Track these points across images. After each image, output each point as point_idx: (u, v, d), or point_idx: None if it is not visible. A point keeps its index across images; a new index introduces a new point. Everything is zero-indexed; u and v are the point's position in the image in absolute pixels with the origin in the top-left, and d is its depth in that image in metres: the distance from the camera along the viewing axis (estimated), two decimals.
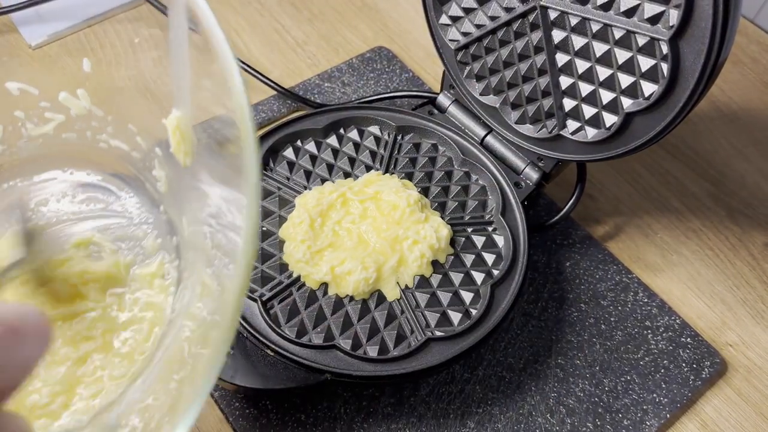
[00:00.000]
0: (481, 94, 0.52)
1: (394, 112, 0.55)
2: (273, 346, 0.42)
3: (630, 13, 0.40)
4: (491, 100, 0.51)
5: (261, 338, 0.42)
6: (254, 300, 0.44)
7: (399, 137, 0.54)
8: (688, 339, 0.50)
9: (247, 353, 0.43)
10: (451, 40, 0.51)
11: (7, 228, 0.40)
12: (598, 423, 0.46)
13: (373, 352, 0.43)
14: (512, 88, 0.50)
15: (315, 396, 0.45)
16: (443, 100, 0.55)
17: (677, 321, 0.51)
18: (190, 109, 0.35)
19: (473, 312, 0.45)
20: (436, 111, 0.56)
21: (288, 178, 0.51)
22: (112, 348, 0.38)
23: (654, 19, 0.39)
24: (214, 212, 0.34)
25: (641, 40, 0.40)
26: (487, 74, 0.51)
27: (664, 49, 0.39)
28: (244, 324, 0.43)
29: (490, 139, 0.53)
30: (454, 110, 0.55)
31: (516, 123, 0.51)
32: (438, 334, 0.44)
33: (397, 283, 0.46)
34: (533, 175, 0.51)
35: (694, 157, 0.62)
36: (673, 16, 0.38)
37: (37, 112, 0.42)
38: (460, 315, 0.45)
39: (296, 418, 0.44)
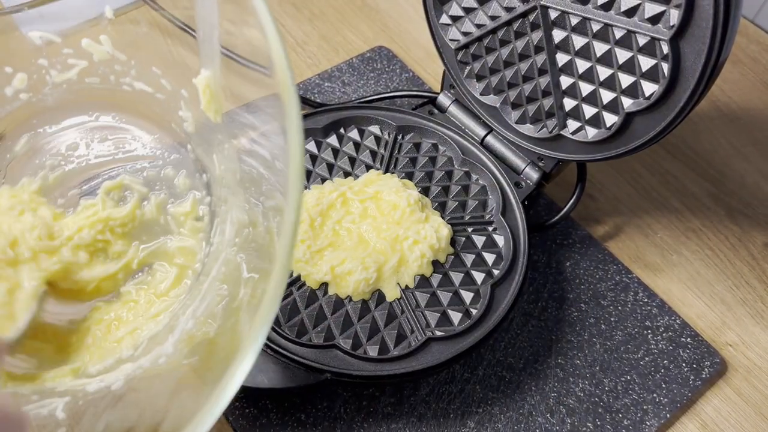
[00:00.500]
0: (481, 94, 0.52)
1: (395, 112, 0.55)
2: (273, 346, 0.42)
3: (630, 12, 0.40)
4: (491, 99, 0.51)
5: None
6: None
7: (399, 137, 0.54)
8: (688, 339, 0.50)
9: None
10: (451, 40, 0.51)
11: (38, 172, 0.40)
12: (598, 423, 0.46)
13: (373, 351, 0.43)
14: (512, 88, 0.50)
15: (315, 396, 0.45)
16: (443, 99, 0.55)
17: (677, 321, 0.51)
18: (219, 67, 0.35)
19: (473, 312, 0.45)
20: (436, 111, 0.56)
21: None
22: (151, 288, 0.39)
23: (654, 19, 0.39)
24: (250, 149, 0.34)
25: (642, 40, 0.40)
26: (487, 74, 0.51)
27: (665, 48, 0.39)
28: None
29: (490, 139, 0.53)
30: (454, 110, 0.55)
31: (516, 123, 0.51)
32: (438, 333, 0.44)
33: (398, 282, 0.46)
34: (533, 174, 0.51)
35: (694, 157, 0.62)
36: (674, 16, 0.38)
37: (61, 59, 0.43)
38: (460, 315, 0.45)
39: (296, 418, 0.44)
